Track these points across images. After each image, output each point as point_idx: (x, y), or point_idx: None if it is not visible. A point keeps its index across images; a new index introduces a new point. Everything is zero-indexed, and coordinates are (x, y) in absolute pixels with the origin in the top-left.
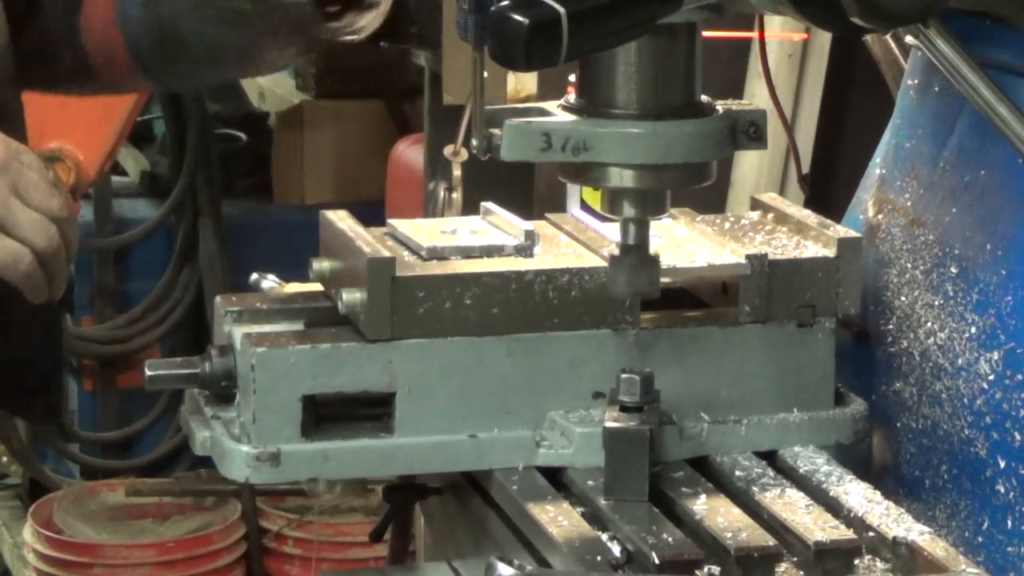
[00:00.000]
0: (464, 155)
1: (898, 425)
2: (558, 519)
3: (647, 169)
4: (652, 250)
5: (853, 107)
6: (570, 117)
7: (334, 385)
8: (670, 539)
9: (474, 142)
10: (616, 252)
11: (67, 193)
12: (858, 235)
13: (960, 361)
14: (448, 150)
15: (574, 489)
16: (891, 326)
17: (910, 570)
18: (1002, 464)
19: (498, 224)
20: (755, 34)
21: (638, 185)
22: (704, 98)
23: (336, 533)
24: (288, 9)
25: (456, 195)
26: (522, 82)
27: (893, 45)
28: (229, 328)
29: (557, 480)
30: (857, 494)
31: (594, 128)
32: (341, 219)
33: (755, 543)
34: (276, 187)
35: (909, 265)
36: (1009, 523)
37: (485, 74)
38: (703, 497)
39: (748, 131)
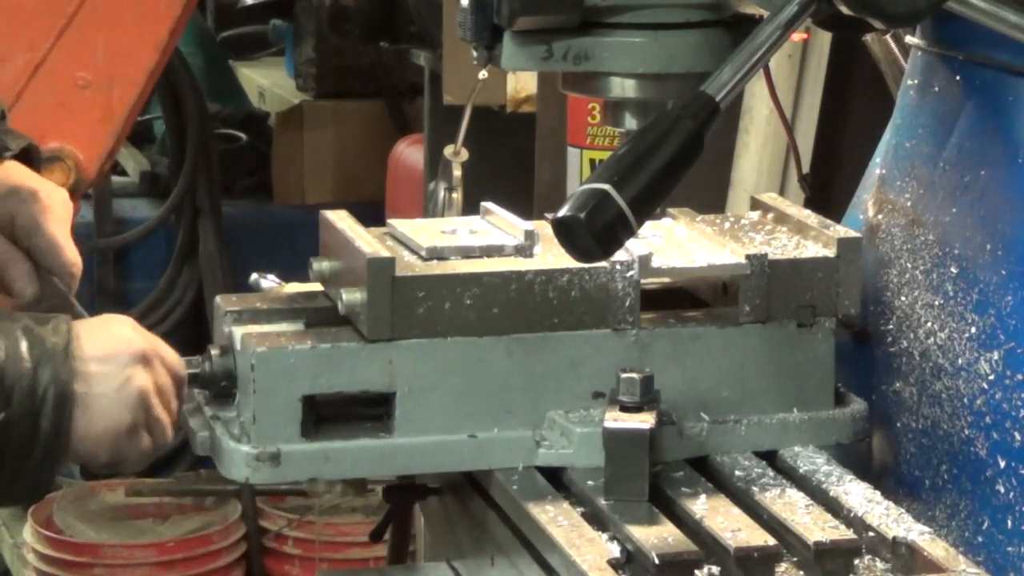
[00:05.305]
0: (464, 155)
1: (898, 425)
2: (558, 519)
3: (648, 78)
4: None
5: (853, 107)
6: None
7: (334, 385)
8: (670, 539)
9: (474, 54)
10: None
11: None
12: (858, 235)
13: (960, 361)
14: (448, 150)
15: (574, 489)
16: (891, 326)
17: (910, 570)
18: (1002, 464)
19: (498, 224)
20: None
21: (639, 95)
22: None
23: (336, 533)
24: None
25: (456, 195)
26: (522, 82)
27: (893, 45)
28: (229, 328)
29: (557, 480)
30: (857, 494)
31: (596, 37)
32: (341, 219)
33: (755, 543)
34: (276, 187)
35: (909, 265)
36: (1009, 523)
37: (484, 74)
38: (703, 497)
39: None
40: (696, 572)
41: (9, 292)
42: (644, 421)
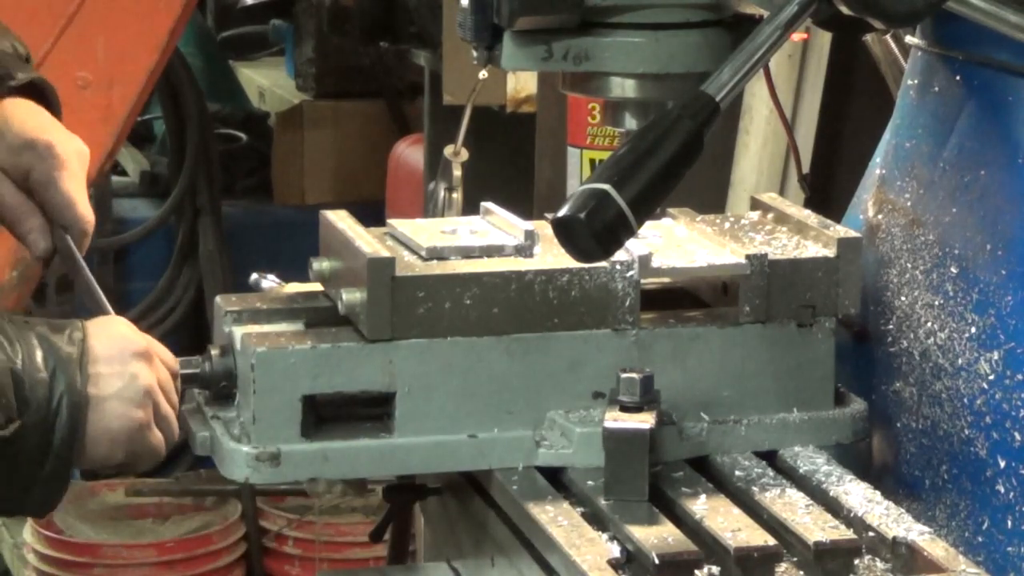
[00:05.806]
0: (464, 155)
1: (898, 425)
2: (558, 519)
3: (648, 79)
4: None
5: (853, 107)
6: None
7: (334, 385)
8: (670, 539)
9: (474, 54)
10: None
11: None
12: (858, 235)
13: (960, 361)
14: (448, 150)
15: (574, 489)
16: (891, 326)
17: (910, 570)
18: (1002, 464)
19: (498, 224)
20: None
21: (639, 95)
22: None
23: (336, 533)
24: None
25: (456, 195)
26: (522, 82)
27: (893, 45)
28: (229, 328)
29: (557, 480)
30: (857, 494)
31: (596, 37)
32: (341, 219)
33: (755, 543)
34: (276, 187)
35: (909, 265)
36: (1009, 523)
37: (484, 74)
38: (703, 497)
39: None
40: (696, 572)
41: (24, 245)
42: (644, 421)
